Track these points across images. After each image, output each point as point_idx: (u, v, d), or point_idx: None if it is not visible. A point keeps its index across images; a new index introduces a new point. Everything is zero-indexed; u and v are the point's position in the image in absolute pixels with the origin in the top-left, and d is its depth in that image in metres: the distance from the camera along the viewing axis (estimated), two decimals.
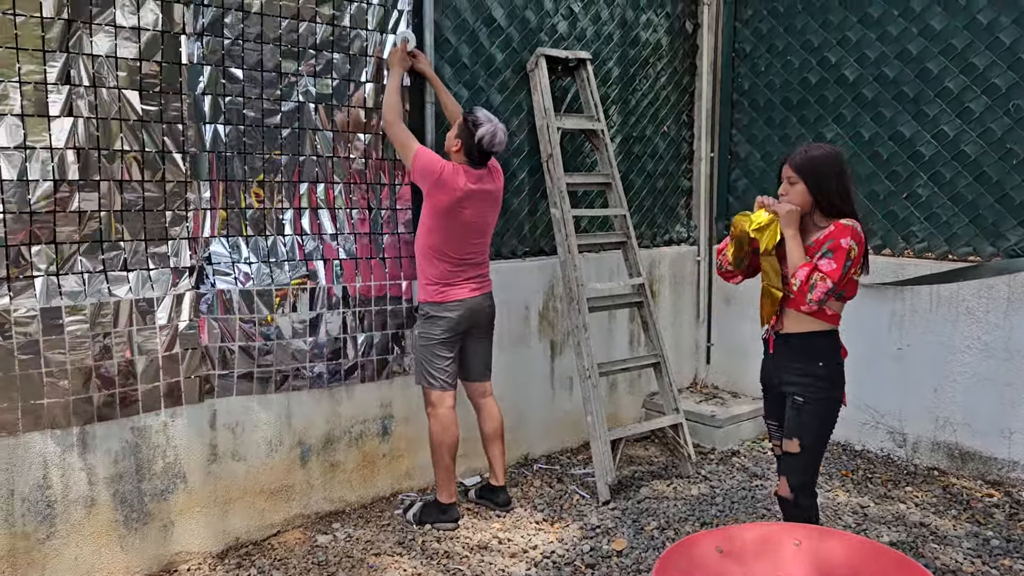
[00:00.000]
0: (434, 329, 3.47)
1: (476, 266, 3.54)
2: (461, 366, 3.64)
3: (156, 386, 3.09)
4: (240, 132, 3.25)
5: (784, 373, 2.79)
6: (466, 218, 3.41)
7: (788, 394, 2.77)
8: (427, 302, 3.49)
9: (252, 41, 3.22)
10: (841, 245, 2.59)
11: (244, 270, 3.32)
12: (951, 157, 4.12)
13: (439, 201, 3.35)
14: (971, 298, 4.03)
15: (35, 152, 2.77)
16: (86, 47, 2.83)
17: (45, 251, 2.82)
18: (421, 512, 3.60)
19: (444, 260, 3.44)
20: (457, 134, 3.43)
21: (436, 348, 3.48)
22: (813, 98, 4.64)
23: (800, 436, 2.74)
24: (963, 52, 4.03)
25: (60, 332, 2.85)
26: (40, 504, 2.89)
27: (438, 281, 3.45)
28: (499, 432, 3.73)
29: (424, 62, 3.67)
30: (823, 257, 2.61)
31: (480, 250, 3.54)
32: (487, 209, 3.50)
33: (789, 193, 2.72)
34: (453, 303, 3.46)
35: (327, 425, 3.62)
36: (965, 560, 3.27)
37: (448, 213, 3.37)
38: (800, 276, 2.60)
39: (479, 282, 3.56)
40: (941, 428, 4.18)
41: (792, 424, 2.76)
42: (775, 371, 2.84)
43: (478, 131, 3.35)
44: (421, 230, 3.47)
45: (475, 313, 3.54)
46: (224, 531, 3.36)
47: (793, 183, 2.72)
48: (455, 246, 3.43)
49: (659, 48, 4.89)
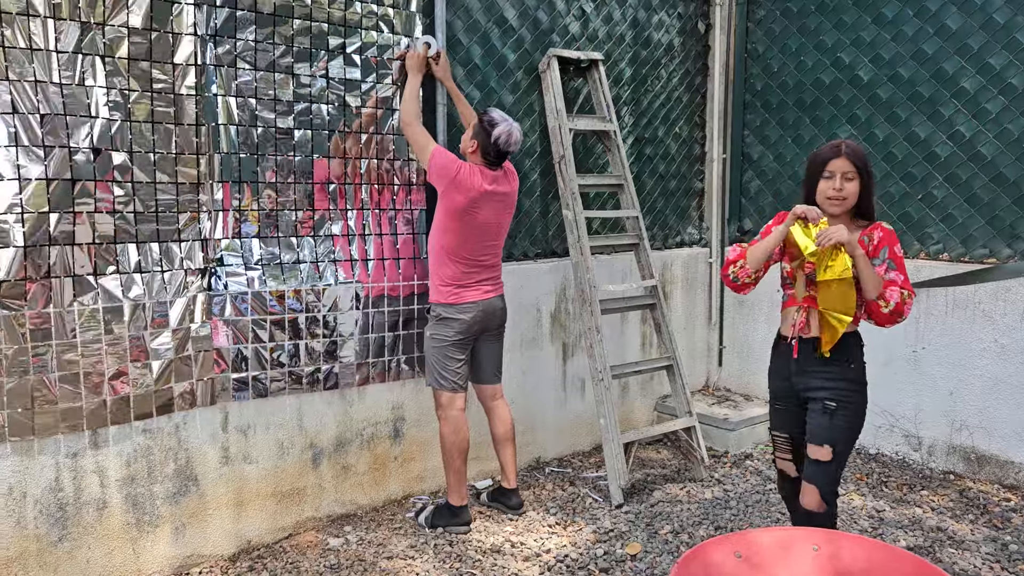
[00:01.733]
0: (446, 331, 3.46)
1: (490, 268, 3.52)
2: (472, 368, 3.62)
3: (168, 388, 3.08)
4: (252, 133, 3.24)
5: (811, 378, 2.67)
6: (481, 219, 3.39)
7: (816, 399, 2.66)
8: (440, 303, 3.47)
9: (264, 42, 3.22)
10: (897, 254, 2.56)
11: (256, 272, 3.31)
12: (967, 158, 4.08)
13: (455, 201, 3.34)
14: (988, 300, 3.99)
15: (53, 151, 2.77)
16: (100, 48, 2.83)
17: (61, 252, 2.82)
18: (433, 515, 3.58)
19: (458, 261, 3.42)
20: (473, 135, 3.42)
21: (448, 350, 3.47)
22: (827, 99, 4.60)
23: (833, 442, 2.62)
24: (979, 52, 3.99)
25: (73, 335, 2.84)
26: (52, 507, 2.88)
27: (452, 282, 3.44)
28: (510, 434, 3.71)
29: (443, 69, 3.64)
30: (889, 270, 2.54)
31: (494, 252, 3.53)
32: (502, 211, 3.48)
33: (845, 189, 2.55)
34: (467, 305, 3.45)
35: (338, 428, 3.61)
36: (983, 565, 3.23)
37: (463, 214, 3.35)
38: (893, 299, 2.50)
39: (492, 284, 3.54)
40: (957, 431, 4.14)
41: (823, 430, 2.63)
42: (799, 377, 2.70)
43: (494, 131, 3.34)
44: (436, 230, 3.45)
45: (488, 315, 3.52)
46: (236, 534, 3.35)
47: (850, 179, 2.56)
48: (470, 247, 3.42)
49: (671, 49, 4.87)
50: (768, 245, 2.60)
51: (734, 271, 2.67)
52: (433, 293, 3.50)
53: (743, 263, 2.64)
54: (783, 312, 2.78)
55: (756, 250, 2.63)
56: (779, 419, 2.83)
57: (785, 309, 2.77)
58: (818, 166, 2.60)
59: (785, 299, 2.78)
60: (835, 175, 2.56)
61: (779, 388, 2.80)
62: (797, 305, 2.70)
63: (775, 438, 2.87)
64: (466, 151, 3.46)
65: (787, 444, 2.83)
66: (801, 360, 2.69)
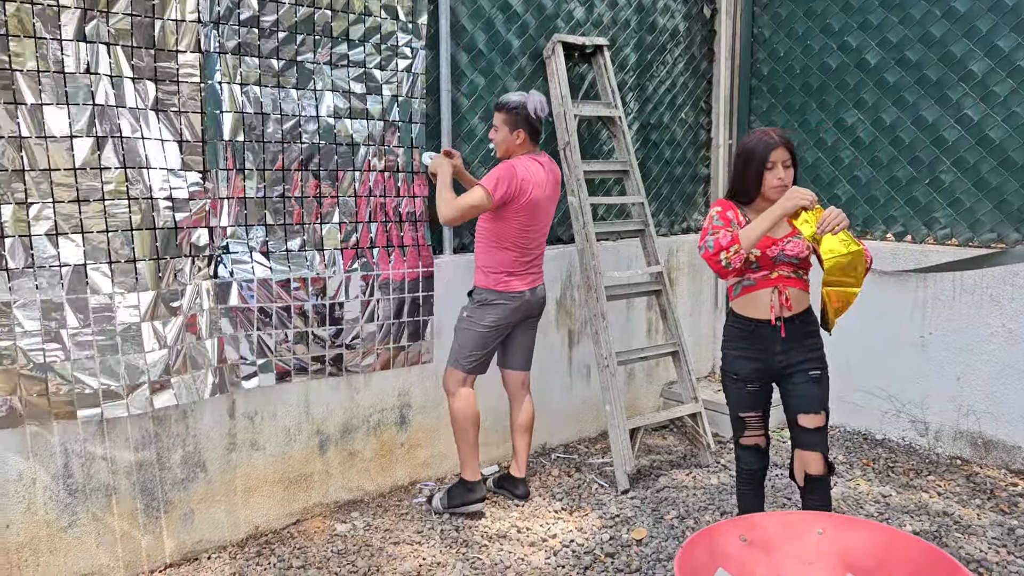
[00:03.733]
0: (487, 316, 3.46)
1: (537, 256, 3.56)
2: (505, 354, 3.67)
3: (176, 375, 3.09)
4: (257, 121, 3.24)
5: (796, 352, 2.77)
6: (534, 208, 3.42)
7: (800, 371, 2.77)
8: (487, 288, 3.47)
9: (268, 28, 3.21)
10: None
11: (262, 258, 3.31)
12: (975, 142, 4.05)
13: (519, 197, 3.35)
14: (995, 285, 3.97)
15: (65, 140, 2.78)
16: (104, 35, 2.83)
17: (71, 240, 2.83)
18: (447, 496, 3.58)
19: (511, 248, 3.44)
20: (511, 129, 3.41)
21: (482, 335, 3.48)
22: (834, 83, 4.57)
23: (825, 407, 2.77)
24: (988, 35, 3.96)
25: (87, 322, 2.85)
26: (61, 493, 2.91)
27: (502, 270, 3.45)
28: (530, 425, 3.74)
29: (457, 159, 3.59)
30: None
31: (541, 240, 3.56)
32: (552, 197, 3.51)
33: (787, 177, 2.71)
34: (513, 293, 3.47)
35: (345, 414, 3.62)
36: (990, 550, 3.22)
37: (524, 206, 3.37)
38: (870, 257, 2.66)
39: (536, 273, 3.57)
40: (964, 416, 4.13)
41: (814, 398, 2.76)
42: (784, 355, 2.78)
43: (528, 108, 3.37)
44: (489, 219, 3.45)
45: (530, 305, 3.55)
46: (244, 520, 3.37)
47: (788, 167, 2.72)
48: (524, 236, 3.44)
49: (676, 34, 4.84)
50: (762, 229, 2.60)
51: (727, 257, 2.60)
52: (480, 277, 3.51)
53: (737, 248, 2.60)
54: (747, 297, 2.80)
55: (750, 235, 2.60)
56: (752, 400, 2.88)
57: (752, 293, 2.78)
58: (761, 158, 2.69)
59: (751, 283, 2.78)
60: (776, 164, 2.69)
61: (753, 370, 2.83)
62: (772, 286, 2.75)
63: (746, 419, 2.90)
64: (512, 146, 3.44)
65: (759, 421, 2.90)
66: (788, 338, 2.77)
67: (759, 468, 2.97)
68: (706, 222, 2.76)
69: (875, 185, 4.44)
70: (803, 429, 2.78)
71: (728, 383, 2.91)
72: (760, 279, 2.76)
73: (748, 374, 2.84)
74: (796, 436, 2.83)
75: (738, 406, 2.90)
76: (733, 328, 2.87)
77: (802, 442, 2.80)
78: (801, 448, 2.81)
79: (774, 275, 2.74)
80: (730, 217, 2.74)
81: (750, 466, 2.96)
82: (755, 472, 2.97)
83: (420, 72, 3.66)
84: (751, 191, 2.75)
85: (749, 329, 2.81)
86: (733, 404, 2.92)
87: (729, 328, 2.89)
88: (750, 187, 2.74)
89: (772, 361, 2.80)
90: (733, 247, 2.60)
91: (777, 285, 2.74)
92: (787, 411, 2.85)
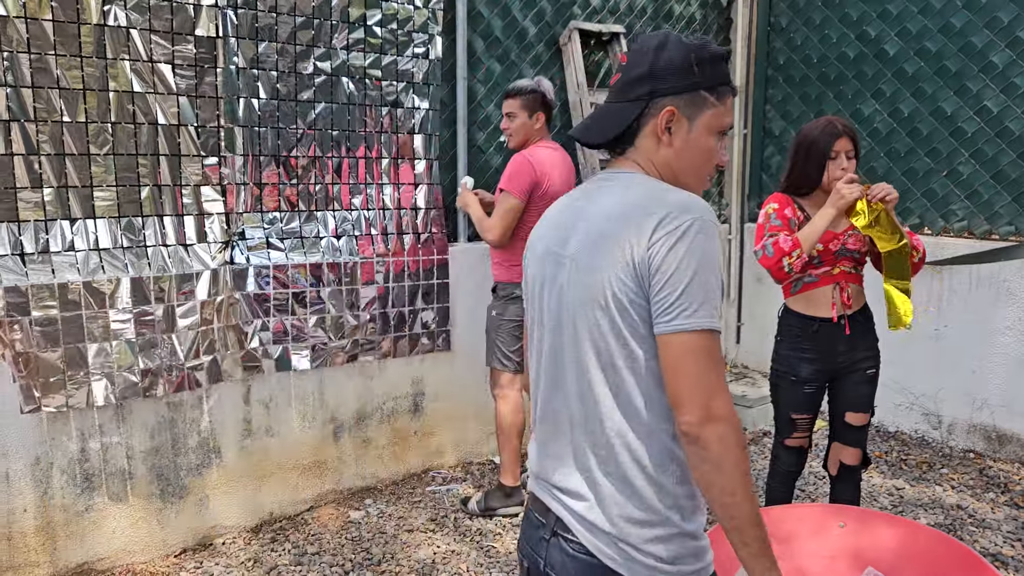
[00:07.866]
0: (513, 310, 3.42)
1: None
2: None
3: (193, 362, 3.09)
4: (274, 106, 3.22)
5: (858, 351, 2.71)
6: (553, 199, 3.36)
7: (858, 370, 2.73)
8: (509, 282, 3.41)
9: (286, 14, 3.19)
10: None
11: (278, 245, 3.30)
12: (994, 134, 4.02)
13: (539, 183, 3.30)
14: (1012, 278, 3.95)
15: (72, 125, 2.76)
16: (121, 20, 2.81)
17: (83, 225, 2.82)
18: (486, 498, 3.53)
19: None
20: (529, 113, 3.34)
21: (513, 330, 3.42)
22: (851, 73, 4.53)
23: (873, 407, 2.76)
24: (1009, 25, 3.91)
25: (103, 307, 2.85)
26: (79, 477, 2.91)
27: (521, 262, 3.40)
28: None
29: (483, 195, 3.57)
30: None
31: None
32: (569, 183, 3.45)
33: (850, 167, 2.60)
34: None
35: (359, 401, 3.62)
36: (1004, 544, 3.22)
37: (539, 196, 3.30)
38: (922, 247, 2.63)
39: None
40: (978, 410, 4.12)
41: (867, 398, 2.74)
42: (848, 353, 2.70)
43: (540, 90, 3.34)
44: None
45: None
46: (258, 506, 3.38)
47: (851, 157, 2.62)
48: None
49: (693, 22, 4.80)
50: (820, 228, 2.52)
51: (790, 262, 2.51)
52: (502, 272, 3.43)
53: (799, 252, 2.50)
54: (807, 295, 2.70)
55: (811, 237, 2.52)
56: (808, 402, 2.77)
57: (813, 290, 2.69)
58: (824, 148, 2.59)
59: (812, 280, 2.69)
60: (840, 154, 2.60)
61: (814, 371, 2.73)
62: (834, 282, 2.67)
63: (798, 421, 2.79)
64: (531, 131, 3.36)
65: (809, 423, 2.82)
66: (853, 335, 2.70)
67: (798, 470, 2.90)
68: (761, 219, 2.65)
69: (891, 176, 4.41)
70: (848, 426, 2.74)
71: (783, 384, 2.79)
72: (822, 275, 2.67)
73: (808, 375, 2.72)
74: (838, 430, 2.79)
75: (793, 407, 2.78)
76: (793, 328, 2.75)
77: (845, 438, 2.76)
78: (842, 443, 2.77)
79: (836, 271, 2.66)
80: (788, 215, 2.63)
81: (790, 467, 2.88)
82: (793, 473, 2.90)
83: (437, 58, 3.63)
84: (812, 183, 2.64)
85: (812, 328, 2.70)
86: (786, 405, 2.80)
87: (787, 328, 2.77)
88: (811, 178, 2.63)
89: (834, 361, 2.71)
90: (795, 251, 2.50)
91: (839, 281, 2.66)
92: (834, 406, 2.79)
